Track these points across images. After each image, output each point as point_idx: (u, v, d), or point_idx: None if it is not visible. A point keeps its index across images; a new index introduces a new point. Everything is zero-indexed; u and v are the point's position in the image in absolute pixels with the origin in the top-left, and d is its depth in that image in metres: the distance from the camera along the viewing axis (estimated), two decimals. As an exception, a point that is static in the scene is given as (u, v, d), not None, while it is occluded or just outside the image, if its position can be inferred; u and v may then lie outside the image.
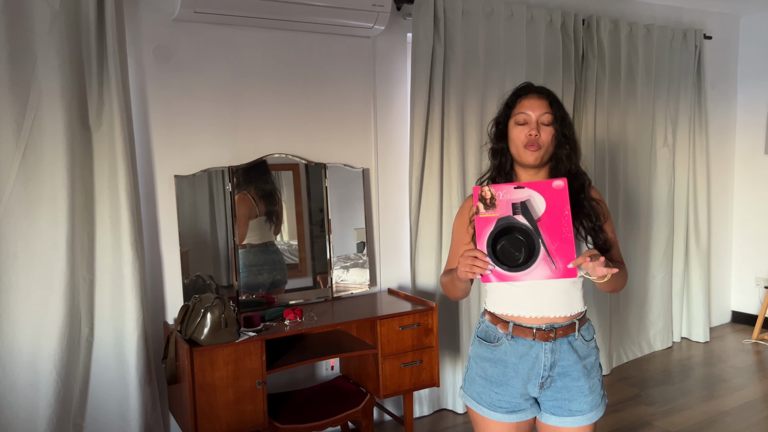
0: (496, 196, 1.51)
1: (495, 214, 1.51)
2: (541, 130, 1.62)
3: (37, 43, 2.31)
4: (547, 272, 1.50)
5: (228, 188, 2.82)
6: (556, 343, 1.65)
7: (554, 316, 1.65)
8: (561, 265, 1.49)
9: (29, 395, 2.38)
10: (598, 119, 3.83)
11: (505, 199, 1.51)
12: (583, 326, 1.70)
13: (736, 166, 4.90)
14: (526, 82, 1.72)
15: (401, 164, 3.33)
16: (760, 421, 3.24)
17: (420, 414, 3.30)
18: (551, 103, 1.64)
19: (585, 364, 1.68)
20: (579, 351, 1.68)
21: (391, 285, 3.33)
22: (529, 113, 1.63)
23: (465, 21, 3.26)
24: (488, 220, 1.51)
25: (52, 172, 2.37)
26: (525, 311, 1.66)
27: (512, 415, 1.68)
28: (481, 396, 1.71)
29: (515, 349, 1.66)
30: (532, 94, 1.65)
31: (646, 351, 4.30)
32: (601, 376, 1.75)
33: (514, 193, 1.51)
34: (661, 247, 4.29)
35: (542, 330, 1.64)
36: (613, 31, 3.86)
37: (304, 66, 3.02)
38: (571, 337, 1.67)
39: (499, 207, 1.51)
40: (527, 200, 1.51)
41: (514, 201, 1.51)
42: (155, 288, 2.76)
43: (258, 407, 2.47)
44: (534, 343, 1.65)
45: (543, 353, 1.64)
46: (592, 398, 1.69)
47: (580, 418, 1.67)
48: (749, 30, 4.77)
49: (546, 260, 1.50)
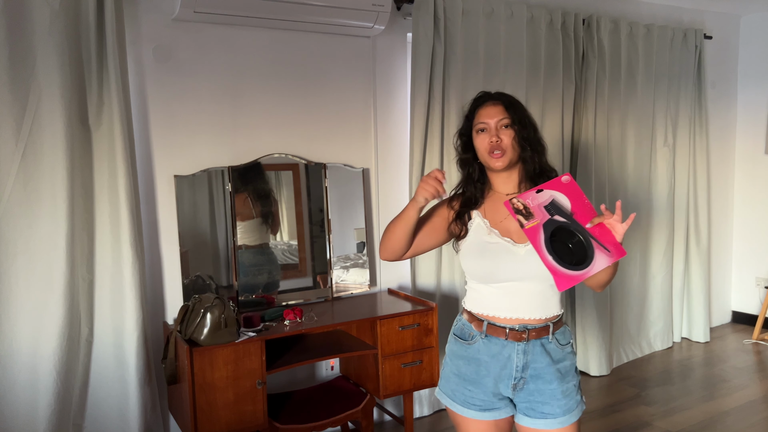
0: (528, 204, 1.53)
1: (537, 221, 1.53)
2: (501, 135, 1.65)
3: (37, 43, 2.31)
4: (606, 258, 1.51)
5: (228, 188, 2.82)
6: (528, 345, 1.66)
7: (528, 317, 1.66)
8: (611, 247, 1.51)
9: (29, 395, 2.38)
10: (598, 119, 3.83)
11: (536, 204, 1.53)
12: (558, 330, 1.71)
13: (737, 166, 4.90)
14: (481, 92, 1.76)
15: (401, 164, 3.33)
16: (760, 421, 3.24)
17: (420, 414, 3.30)
18: (507, 107, 1.68)
19: (559, 367, 1.68)
20: (552, 354, 1.68)
21: (391, 285, 3.33)
22: (487, 121, 1.67)
23: (465, 21, 3.26)
24: (535, 230, 1.52)
25: (51, 172, 2.37)
26: (500, 312, 1.68)
27: (486, 413, 1.70)
28: (455, 393, 1.73)
29: (488, 348, 1.68)
30: (488, 102, 1.70)
31: (646, 351, 4.30)
32: (578, 381, 1.73)
33: (539, 197, 1.54)
34: (661, 247, 4.28)
35: (515, 330, 1.66)
36: (614, 31, 3.86)
37: (304, 66, 3.02)
38: (544, 340, 1.68)
39: (536, 214, 1.53)
40: (553, 199, 1.53)
41: (545, 204, 1.53)
42: (155, 288, 2.75)
43: (258, 407, 2.47)
44: (506, 342, 1.66)
45: (515, 354, 1.66)
46: (566, 402, 1.67)
47: (552, 421, 1.66)
48: (749, 30, 4.77)
49: (598, 247, 1.51)
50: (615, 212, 1.50)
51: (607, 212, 1.51)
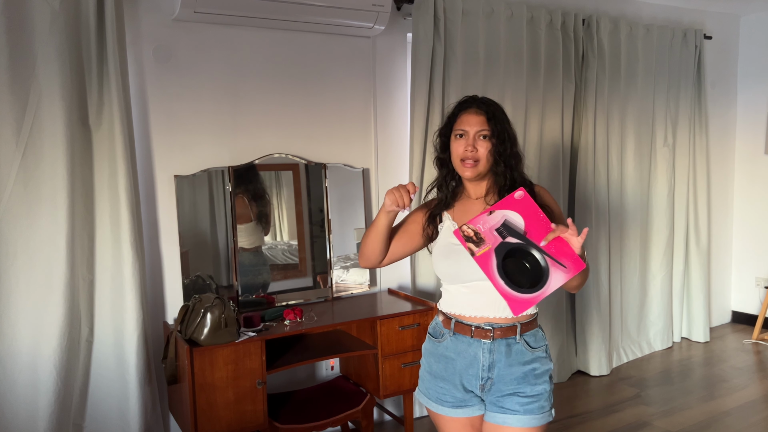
0: (478, 230, 1.53)
1: (488, 247, 1.53)
2: (477, 145, 1.66)
3: (37, 43, 2.31)
4: (562, 275, 1.51)
5: (228, 188, 2.82)
6: (494, 344, 1.66)
7: (494, 316, 1.67)
8: (568, 261, 1.51)
9: (29, 395, 2.38)
10: (598, 119, 3.83)
11: (487, 228, 1.53)
12: (528, 332, 1.70)
13: (736, 166, 4.90)
14: (468, 96, 1.75)
15: (401, 164, 3.33)
16: (760, 421, 3.24)
17: (420, 414, 3.30)
18: (489, 119, 1.66)
19: (525, 370, 1.67)
20: (519, 356, 1.67)
21: (391, 285, 3.33)
22: (467, 129, 1.67)
23: (465, 21, 3.26)
24: (487, 256, 1.53)
25: (52, 172, 2.37)
26: (466, 310, 1.69)
27: (458, 410, 1.71)
28: (429, 390, 1.76)
29: (455, 346, 1.71)
30: (472, 109, 1.69)
31: (646, 351, 4.30)
32: (548, 387, 1.70)
33: (491, 219, 1.53)
34: (661, 247, 4.28)
35: (481, 328, 1.67)
36: (613, 31, 3.86)
37: (304, 66, 3.02)
38: (510, 340, 1.67)
39: (487, 238, 1.53)
40: (505, 220, 1.53)
41: (496, 227, 1.53)
42: (155, 288, 2.76)
43: (258, 407, 2.47)
44: (472, 341, 1.68)
45: (481, 352, 1.67)
46: (529, 401, 1.66)
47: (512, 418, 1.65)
48: (749, 30, 4.77)
49: (554, 264, 1.51)
50: (569, 228, 1.50)
51: (560, 227, 1.51)
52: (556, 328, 3.74)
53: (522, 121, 3.49)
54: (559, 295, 3.72)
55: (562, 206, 3.73)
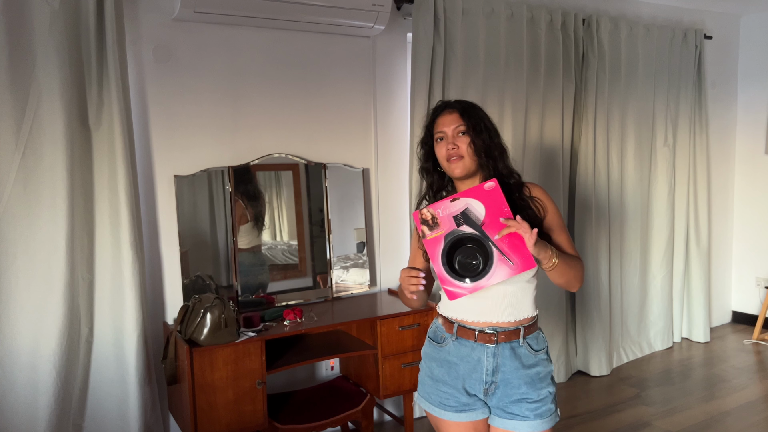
0: (436, 214, 1.56)
1: (441, 232, 1.55)
2: (457, 142, 1.68)
3: (36, 43, 2.31)
4: (507, 270, 1.53)
5: (228, 188, 2.82)
6: (498, 348, 1.67)
7: (497, 320, 1.67)
8: (517, 259, 1.53)
9: (29, 395, 2.38)
10: (598, 119, 3.83)
11: (446, 214, 1.55)
12: (530, 334, 1.70)
13: (737, 166, 4.90)
14: (439, 101, 1.79)
15: (401, 164, 3.33)
16: (760, 422, 3.23)
17: (420, 414, 3.30)
18: (462, 114, 1.69)
19: (529, 373, 1.68)
20: (523, 359, 1.68)
21: (391, 285, 3.33)
22: (444, 130, 1.70)
23: (465, 21, 3.26)
24: (436, 240, 1.56)
25: (51, 173, 2.37)
26: (468, 314, 1.69)
27: (461, 414, 1.71)
28: (431, 395, 1.75)
29: (458, 350, 1.70)
30: (445, 111, 1.73)
31: (646, 351, 4.30)
32: (553, 390, 1.72)
33: (452, 206, 1.56)
34: (661, 247, 4.28)
35: (484, 332, 1.67)
36: (613, 31, 3.86)
37: (304, 66, 3.02)
38: (514, 344, 1.68)
39: (443, 224, 1.55)
40: (466, 209, 1.55)
41: (455, 214, 1.55)
42: (155, 288, 2.75)
43: (258, 407, 2.47)
44: (476, 345, 1.67)
45: (485, 357, 1.67)
46: (537, 406, 1.66)
47: (522, 423, 1.66)
48: (749, 30, 4.77)
49: (502, 259, 1.53)
50: (520, 225, 1.50)
51: (514, 223, 1.51)
52: (556, 328, 3.74)
53: (522, 121, 3.49)
54: (559, 296, 3.72)
55: (562, 206, 3.73)
